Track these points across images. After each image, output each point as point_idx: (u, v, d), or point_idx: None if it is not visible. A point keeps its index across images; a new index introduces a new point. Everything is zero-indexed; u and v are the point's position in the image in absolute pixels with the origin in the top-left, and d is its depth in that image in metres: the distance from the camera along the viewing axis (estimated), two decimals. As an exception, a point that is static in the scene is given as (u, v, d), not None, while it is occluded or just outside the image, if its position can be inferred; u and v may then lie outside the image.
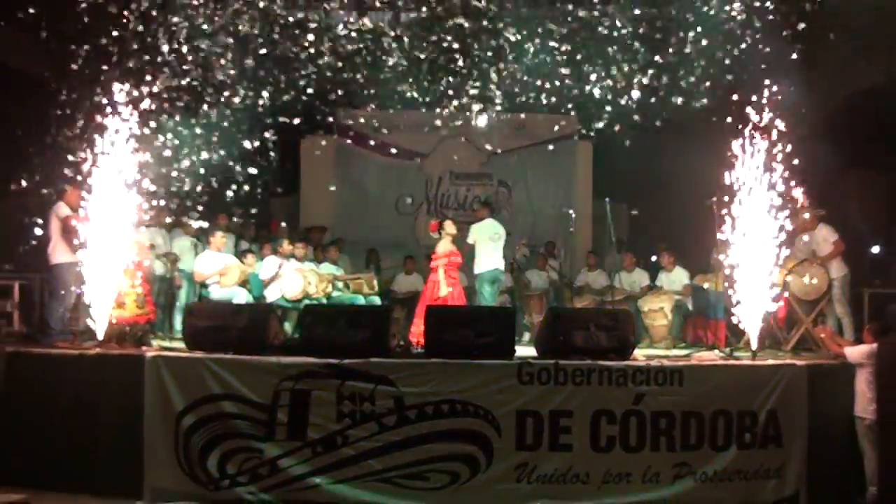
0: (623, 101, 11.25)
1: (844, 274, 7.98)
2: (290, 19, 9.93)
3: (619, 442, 6.26)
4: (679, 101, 11.01)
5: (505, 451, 6.21)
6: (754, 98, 7.37)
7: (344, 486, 6.15)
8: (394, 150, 13.04)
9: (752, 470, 6.31)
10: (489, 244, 9.00)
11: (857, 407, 6.32)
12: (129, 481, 6.15)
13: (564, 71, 10.97)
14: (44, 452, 6.23)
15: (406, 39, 10.14)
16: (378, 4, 9.77)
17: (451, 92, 11.19)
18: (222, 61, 9.93)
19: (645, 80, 10.88)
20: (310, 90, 11.34)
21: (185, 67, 9.86)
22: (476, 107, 11.62)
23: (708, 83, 10.20)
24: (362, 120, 12.94)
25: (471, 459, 6.20)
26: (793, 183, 7.23)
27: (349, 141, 13.08)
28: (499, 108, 12.39)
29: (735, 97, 8.09)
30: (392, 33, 10.07)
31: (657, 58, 10.30)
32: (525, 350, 7.22)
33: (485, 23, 9.98)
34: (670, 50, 10.28)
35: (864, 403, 6.26)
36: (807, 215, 8.13)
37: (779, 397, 6.36)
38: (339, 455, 6.17)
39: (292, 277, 8.74)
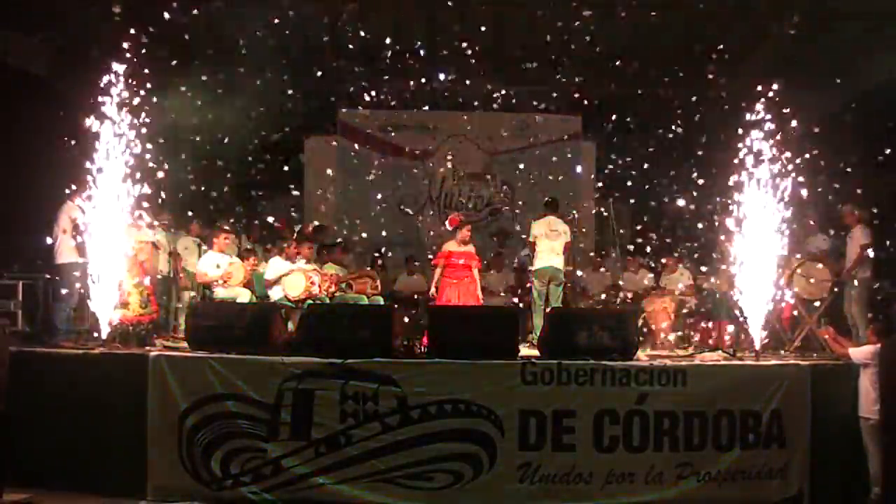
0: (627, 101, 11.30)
1: (867, 275, 7.96)
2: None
3: (623, 442, 6.26)
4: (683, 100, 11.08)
5: (508, 451, 6.21)
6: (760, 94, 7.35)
7: (347, 485, 6.15)
8: (396, 150, 13.04)
9: (755, 470, 6.30)
10: (543, 241, 9.08)
11: (861, 407, 6.30)
12: (132, 480, 6.17)
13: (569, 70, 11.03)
14: (47, 452, 6.25)
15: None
16: None
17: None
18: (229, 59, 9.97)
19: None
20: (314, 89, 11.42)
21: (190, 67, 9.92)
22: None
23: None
24: (366, 119, 12.97)
25: (474, 459, 6.20)
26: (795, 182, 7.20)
27: (352, 141, 13.08)
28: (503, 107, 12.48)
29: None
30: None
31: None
32: (529, 350, 7.22)
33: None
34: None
35: (868, 404, 6.24)
36: (847, 210, 8.12)
37: (782, 397, 6.35)
38: (342, 455, 6.18)
39: (295, 278, 8.73)
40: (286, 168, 12.67)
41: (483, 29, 10.42)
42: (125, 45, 7.17)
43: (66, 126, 7.91)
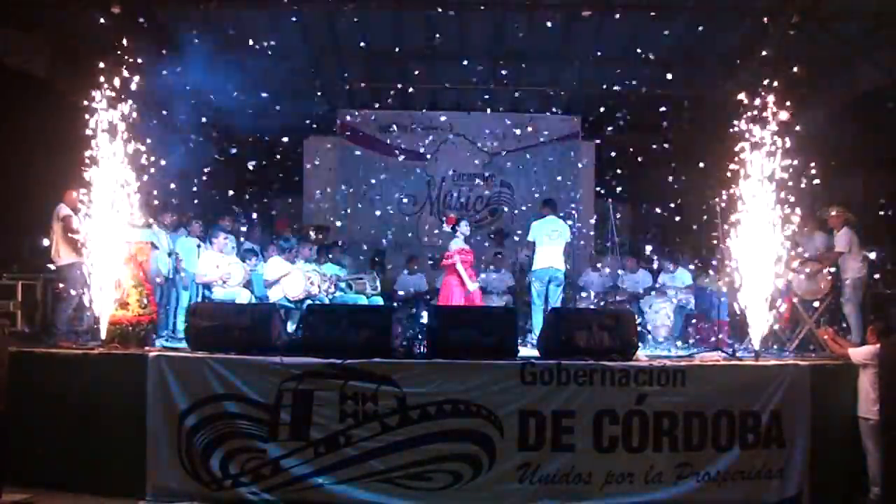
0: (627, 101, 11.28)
1: (861, 276, 7.94)
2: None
3: (622, 442, 6.25)
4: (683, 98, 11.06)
5: (507, 451, 6.21)
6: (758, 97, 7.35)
7: (346, 486, 6.16)
8: (396, 150, 13.05)
9: (754, 470, 6.30)
10: (543, 241, 9.06)
11: (860, 407, 6.31)
12: (131, 481, 6.17)
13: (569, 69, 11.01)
14: (47, 452, 6.25)
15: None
16: None
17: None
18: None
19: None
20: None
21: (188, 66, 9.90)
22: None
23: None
24: (366, 120, 12.98)
25: (473, 459, 6.20)
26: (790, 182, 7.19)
27: (352, 141, 13.09)
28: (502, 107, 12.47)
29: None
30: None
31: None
32: (528, 350, 7.22)
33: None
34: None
35: (867, 404, 6.24)
36: (834, 212, 8.11)
37: (782, 398, 6.35)
38: (341, 455, 6.18)
39: (295, 278, 8.75)
40: (286, 168, 12.68)
41: (483, 29, 10.43)
42: (125, 46, 7.17)
43: (65, 126, 7.92)
